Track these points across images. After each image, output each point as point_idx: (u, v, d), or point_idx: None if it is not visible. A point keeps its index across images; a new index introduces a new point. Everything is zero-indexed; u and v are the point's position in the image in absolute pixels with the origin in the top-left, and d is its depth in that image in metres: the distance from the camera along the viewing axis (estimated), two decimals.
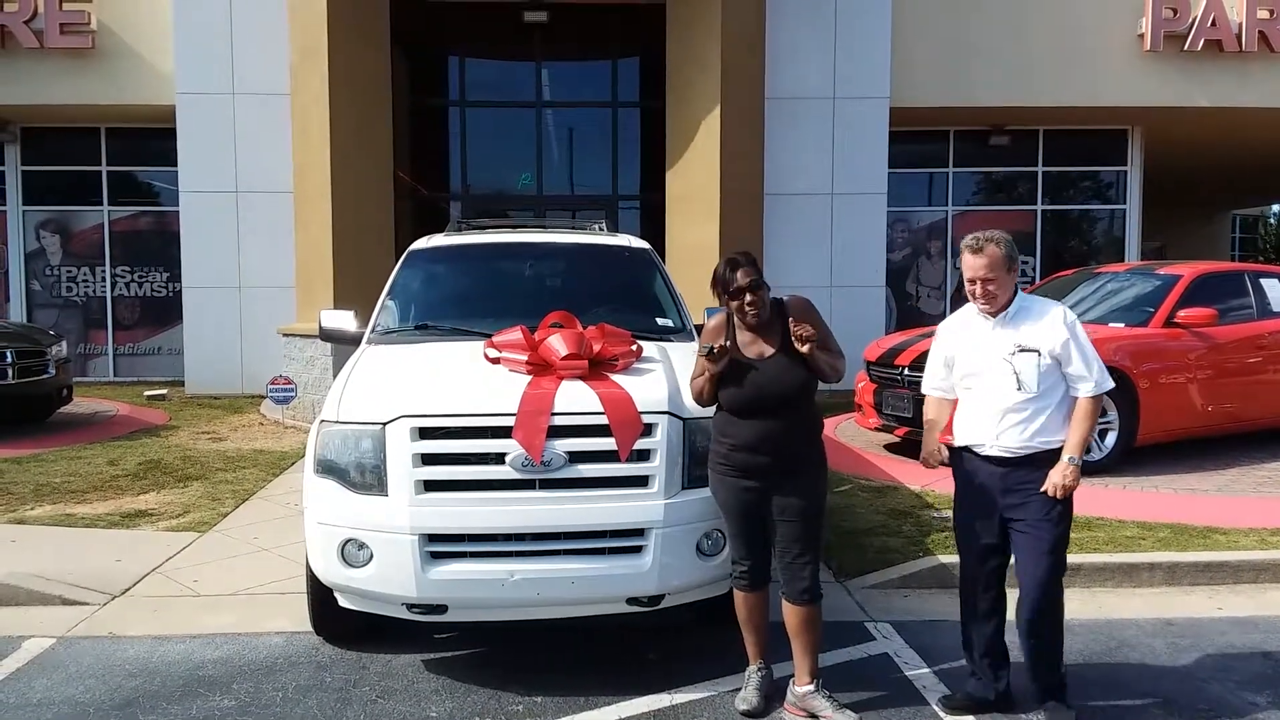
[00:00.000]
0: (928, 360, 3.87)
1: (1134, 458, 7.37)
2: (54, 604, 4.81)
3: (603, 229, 6.21)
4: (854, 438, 8.91)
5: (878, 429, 8.39)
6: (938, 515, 6.09)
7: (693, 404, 3.78)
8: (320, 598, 4.06)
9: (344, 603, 3.92)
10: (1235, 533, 5.67)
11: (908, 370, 7.88)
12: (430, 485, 3.64)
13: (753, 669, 3.75)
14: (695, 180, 11.36)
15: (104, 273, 13.64)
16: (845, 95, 12.29)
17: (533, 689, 3.86)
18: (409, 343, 4.77)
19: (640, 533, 3.68)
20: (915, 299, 14.22)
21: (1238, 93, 12.82)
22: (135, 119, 12.95)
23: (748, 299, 3.53)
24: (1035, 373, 3.47)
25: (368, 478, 3.72)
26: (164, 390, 12.12)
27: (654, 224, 12.11)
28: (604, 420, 3.68)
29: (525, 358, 4.03)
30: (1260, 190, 24.09)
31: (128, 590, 5.00)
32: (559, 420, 3.67)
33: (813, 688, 3.58)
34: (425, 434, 3.67)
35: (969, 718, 3.65)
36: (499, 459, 3.63)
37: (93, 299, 13.72)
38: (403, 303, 5.25)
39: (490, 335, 4.31)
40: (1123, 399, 7.10)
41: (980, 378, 3.58)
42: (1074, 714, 3.62)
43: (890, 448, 8.44)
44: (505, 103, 13.24)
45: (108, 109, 12.60)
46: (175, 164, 12.16)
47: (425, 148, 13.38)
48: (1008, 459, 3.51)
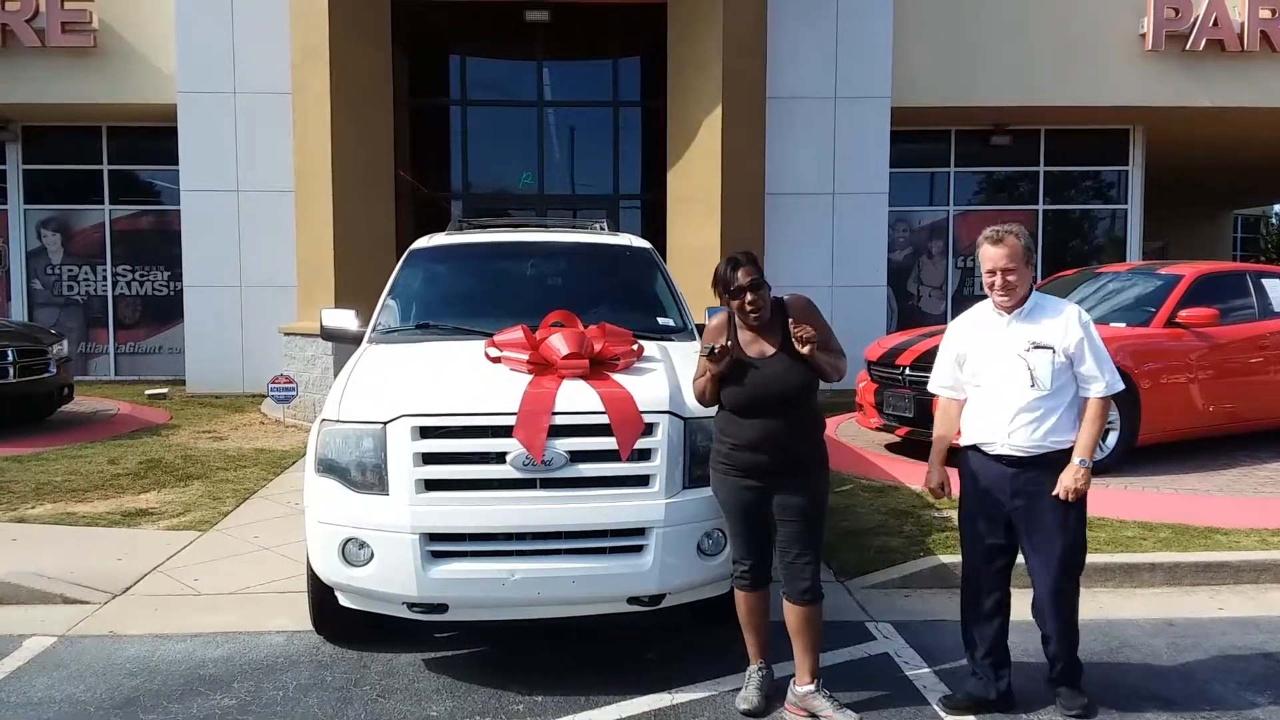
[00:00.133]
0: (937, 358, 3.85)
1: (1135, 458, 7.37)
2: (55, 603, 4.82)
3: (604, 228, 6.21)
4: (855, 437, 8.91)
5: (879, 429, 8.39)
6: (938, 515, 6.09)
7: (694, 403, 3.78)
8: (321, 597, 4.06)
9: (345, 602, 3.92)
10: (1236, 533, 5.66)
11: (909, 370, 7.89)
12: (431, 484, 3.64)
13: (753, 668, 3.74)
14: (696, 180, 11.36)
15: (105, 272, 13.65)
16: (846, 95, 12.28)
17: (533, 688, 3.86)
18: (410, 342, 4.77)
19: (641, 532, 3.68)
20: (916, 299, 14.22)
21: (1239, 92, 12.82)
22: (136, 118, 12.97)
23: (749, 298, 3.52)
24: (1049, 370, 3.47)
25: (369, 477, 3.72)
26: (165, 389, 12.11)
27: (655, 223, 12.12)
28: (605, 420, 3.68)
29: (526, 357, 4.03)
30: (1262, 190, 24.09)
31: (128, 589, 5.00)
32: (560, 419, 3.67)
33: (813, 687, 3.58)
34: (426, 433, 3.67)
35: (970, 717, 3.66)
36: (500, 458, 3.63)
37: (94, 298, 13.73)
38: (404, 302, 5.25)
39: (491, 334, 4.31)
40: (1124, 399, 7.05)
41: (993, 374, 3.56)
42: (1086, 700, 3.64)
43: (891, 447, 8.44)
44: (506, 102, 13.23)
45: (109, 108, 12.61)
46: (176, 163, 12.17)
47: (426, 147, 13.38)
48: (1018, 458, 3.50)
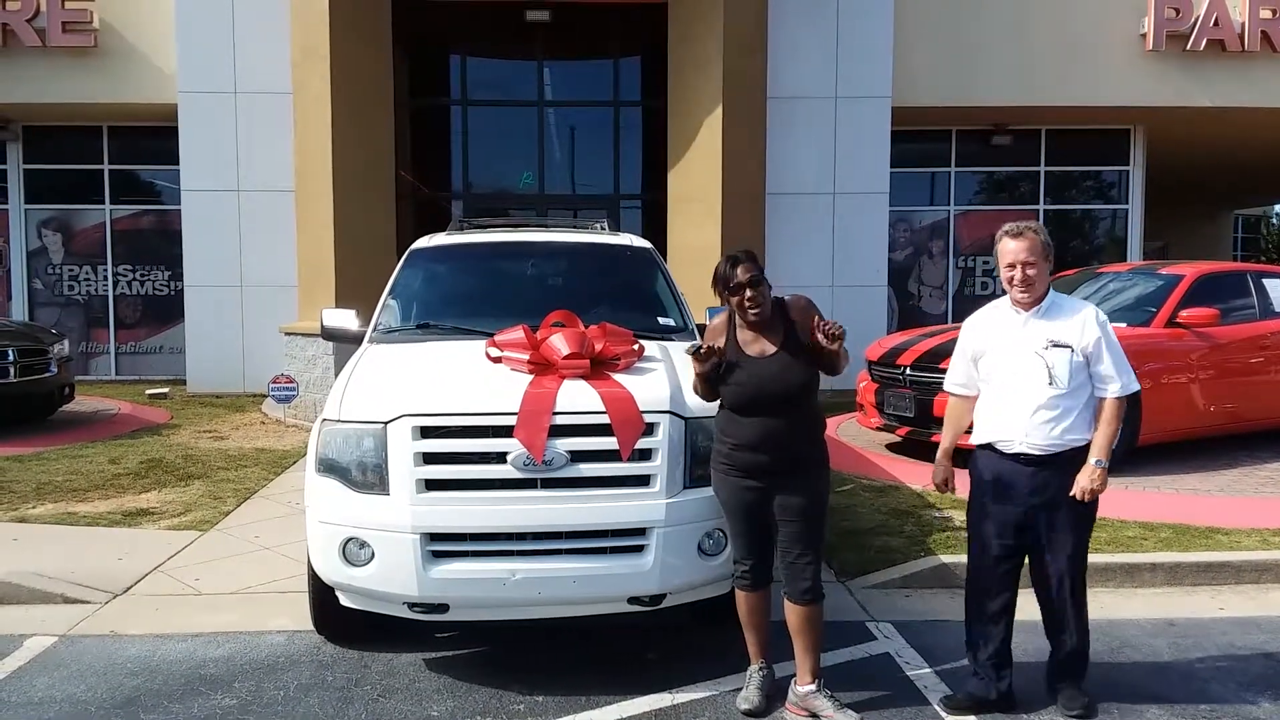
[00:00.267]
0: (953, 356, 3.84)
1: (1136, 457, 7.36)
2: (56, 602, 4.82)
3: (604, 228, 6.20)
4: (855, 437, 8.91)
5: (879, 428, 8.39)
6: (939, 515, 6.09)
7: (694, 403, 3.78)
8: (322, 596, 4.06)
9: (345, 601, 3.92)
10: (1237, 533, 5.66)
11: (910, 370, 7.89)
12: (432, 484, 3.64)
13: (754, 668, 3.74)
14: (697, 180, 11.36)
15: (106, 271, 13.65)
16: (847, 95, 12.28)
17: (534, 688, 3.86)
18: (411, 342, 4.77)
19: (642, 532, 3.68)
20: (917, 299, 14.21)
21: (1240, 92, 12.81)
22: (137, 117, 12.97)
23: (748, 294, 3.52)
24: (1068, 369, 3.47)
25: (369, 477, 3.72)
26: (165, 389, 12.12)
27: (655, 223, 12.11)
28: (605, 419, 3.68)
29: (527, 357, 4.03)
30: (1263, 190, 24.07)
31: (129, 589, 5.00)
32: (560, 419, 3.67)
33: (814, 687, 3.58)
34: (427, 433, 3.67)
35: (970, 718, 3.65)
36: (500, 458, 3.63)
37: (94, 297, 13.74)
38: (404, 302, 5.25)
39: (492, 334, 4.31)
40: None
41: (1010, 372, 3.56)
42: (1087, 699, 3.65)
43: (892, 447, 8.44)
44: (507, 102, 13.23)
45: (110, 107, 12.61)
46: (177, 163, 12.17)
47: (427, 147, 13.38)
48: (1035, 457, 3.50)
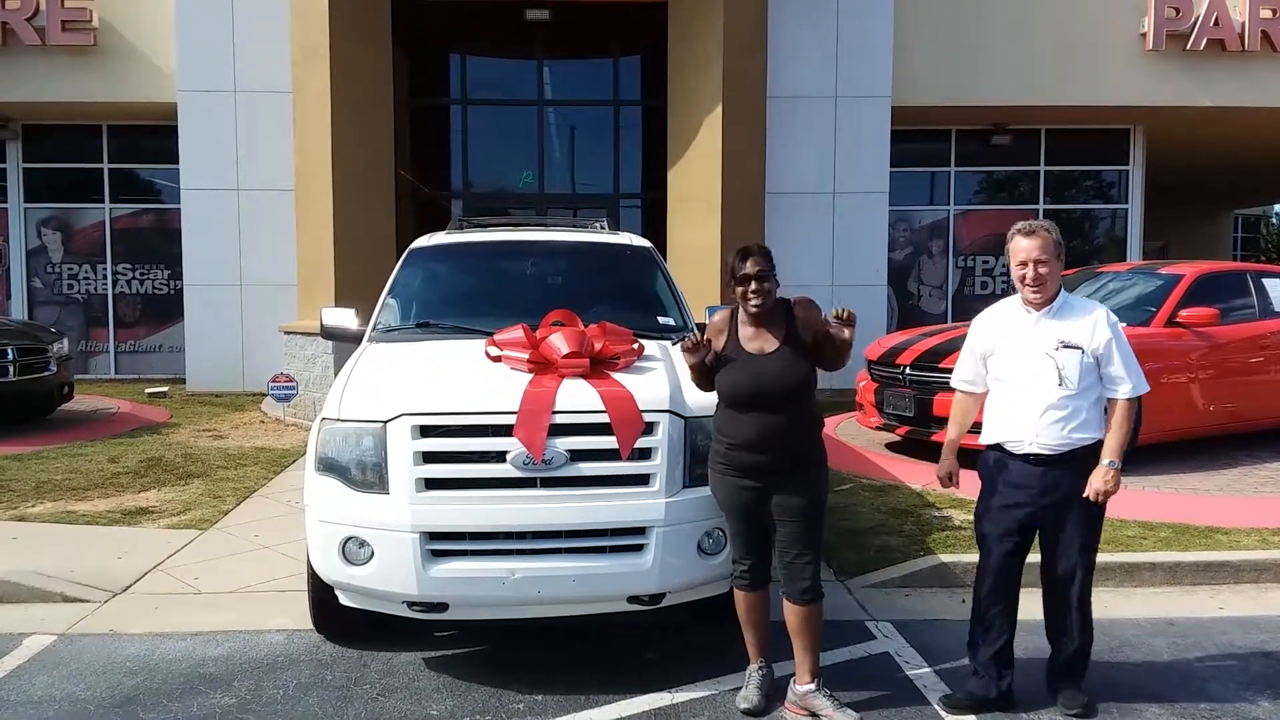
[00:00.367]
0: (961, 353, 3.84)
1: (1135, 457, 7.31)
2: (55, 601, 4.82)
3: (604, 227, 6.20)
4: (855, 437, 8.91)
5: (879, 428, 8.39)
6: (939, 514, 6.09)
7: (694, 403, 3.78)
8: (321, 595, 4.06)
9: (345, 600, 3.92)
10: (1237, 532, 5.67)
11: (909, 369, 7.89)
12: (431, 483, 3.64)
13: (753, 668, 3.74)
14: (696, 179, 11.36)
15: (105, 270, 13.65)
16: (847, 94, 12.27)
17: (533, 687, 3.86)
18: (410, 341, 4.77)
19: (641, 531, 3.68)
20: (917, 298, 14.20)
21: (1240, 92, 12.81)
22: (137, 116, 12.96)
23: (752, 287, 3.53)
24: (1078, 370, 3.47)
25: (369, 476, 3.72)
26: (165, 388, 12.11)
27: (655, 223, 12.11)
28: (605, 419, 3.68)
29: (526, 356, 4.02)
30: (1262, 190, 24.08)
31: (129, 588, 5.00)
32: (560, 418, 3.67)
33: (814, 686, 3.58)
34: (426, 432, 3.66)
35: (970, 717, 3.65)
36: (500, 457, 3.63)
37: (94, 296, 13.73)
38: (404, 301, 5.25)
39: (491, 333, 4.31)
40: None
41: (1020, 372, 3.56)
42: (1086, 698, 3.66)
43: (891, 446, 8.43)
44: (507, 101, 13.23)
45: (109, 106, 12.60)
46: (177, 161, 12.17)
47: (426, 146, 13.38)
48: (1046, 456, 3.50)
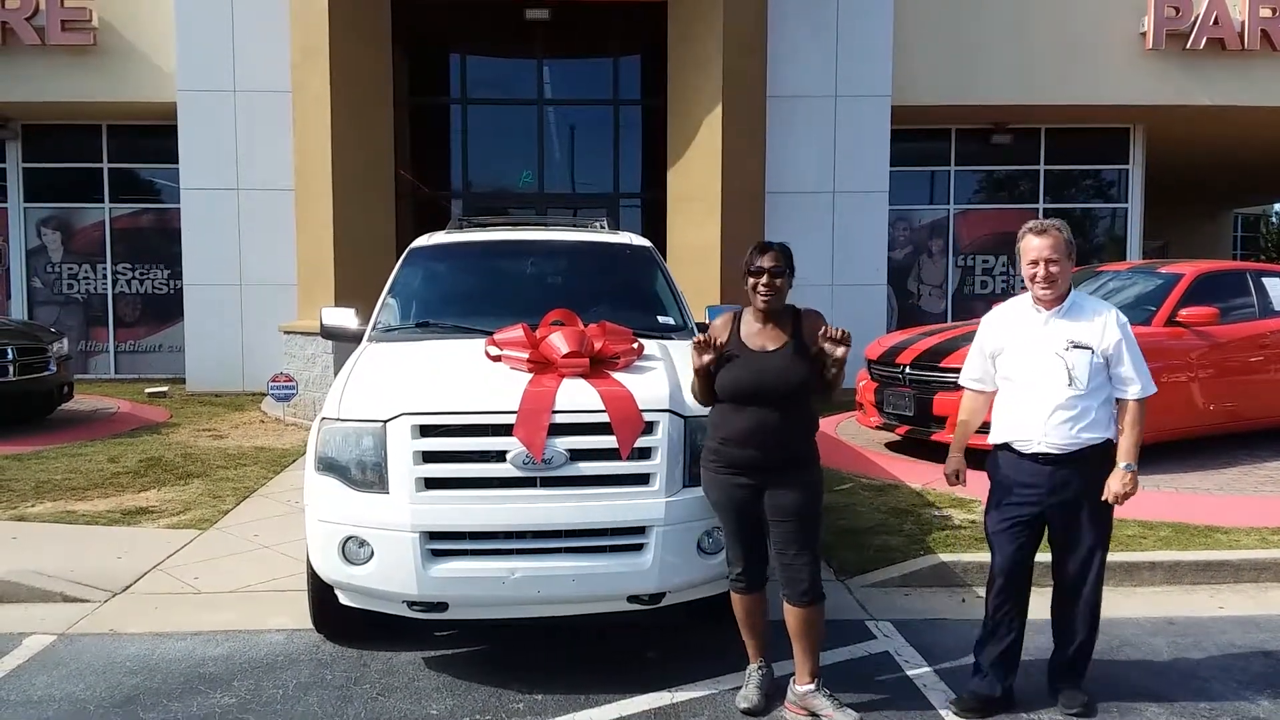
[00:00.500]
0: (969, 352, 3.85)
1: None
2: (55, 601, 4.82)
3: (604, 227, 6.20)
4: (855, 436, 8.91)
5: (879, 427, 8.39)
6: (938, 514, 6.09)
7: (694, 402, 3.77)
8: (321, 595, 4.06)
9: (345, 600, 3.92)
10: (1236, 532, 5.67)
11: (909, 369, 7.89)
12: (431, 483, 3.64)
13: (753, 667, 3.74)
14: (696, 178, 11.36)
15: (105, 270, 13.65)
16: (847, 93, 12.27)
17: (533, 687, 3.86)
18: (410, 340, 4.77)
19: (641, 530, 3.68)
20: (916, 297, 14.20)
21: (1240, 91, 12.81)
22: (136, 116, 12.96)
23: (764, 280, 3.53)
24: (1088, 370, 3.47)
25: (369, 475, 3.72)
26: (165, 387, 12.11)
27: (655, 222, 12.10)
28: (605, 418, 3.68)
29: (526, 355, 4.02)
30: (1262, 189, 24.07)
31: (128, 587, 5.00)
32: (560, 418, 3.67)
33: (814, 686, 3.58)
34: (426, 432, 3.66)
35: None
36: (500, 457, 3.63)
37: (94, 296, 13.73)
38: (404, 300, 5.25)
39: (491, 333, 4.30)
40: None
41: (1029, 372, 3.56)
42: (1086, 698, 3.66)
43: (891, 446, 8.43)
44: (506, 100, 13.22)
45: (109, 106, 12.60)
46: (176, 161, 12.17)
47: (426, 146, 13.37)
48: (1054, 456, 3.50)
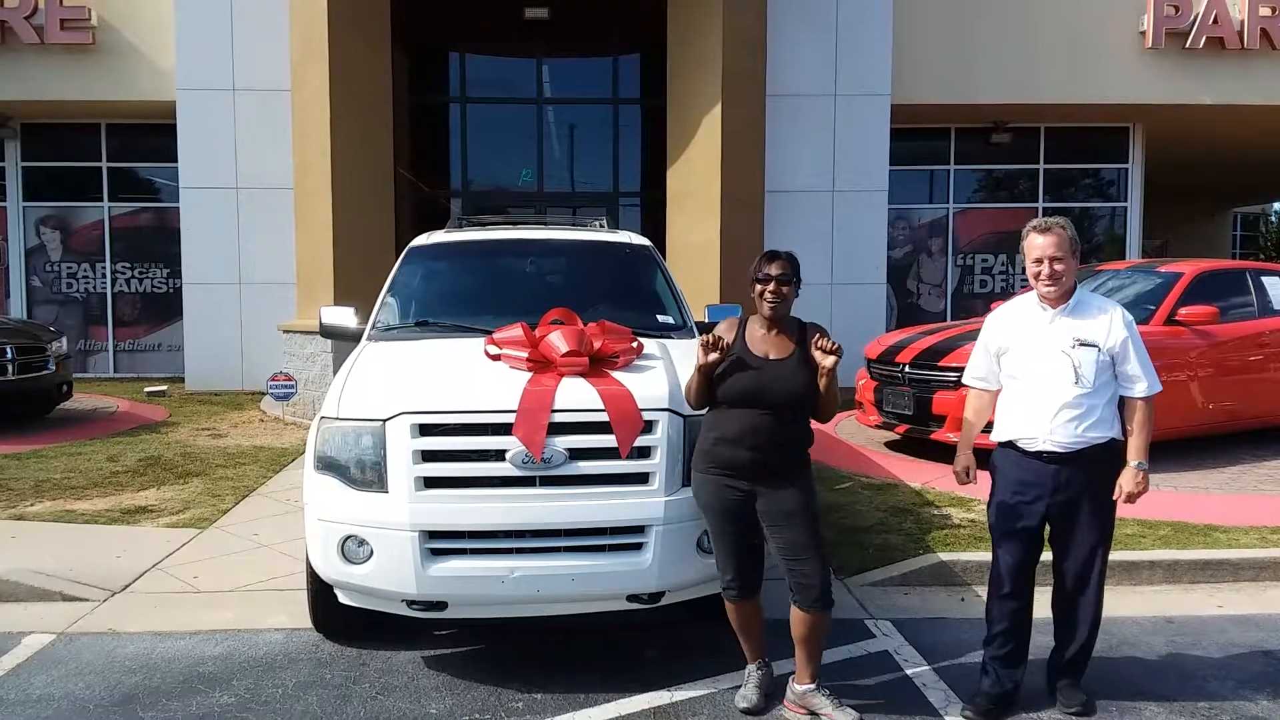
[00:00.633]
0: (973, 350, 3.84)
1: None
2: (54, 600, 4.81)
3: (603, 226, 6.20)
4: (854, 435, 8.91)
5: (878, 426, 8.39)
6: (938, 512, 6.09)
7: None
8: (320, 594, 4.06)
9: (344, 599, 3.92)
10: (1236, 530, 5.67)
11: (909, 367, 7.89)
12: (430, 482, 3.64)
13: (752, 667, 3.74)
14: (696, 177, 11.35)
15: (104, 269, 13.65)
16: (846, 92, 12.27)
17: (532, 686, 3.86)
18: (409, 339, 4.76)
19: (641, 530, 3.67)
20: (916, 296, 14.20)
21: (1239, 90, 12.82)
22: (136, 115, 12.96)
23: (770, 287, 3.52)
24: (1094, 368, 3.47)
25: (368, 474, 3.71)
26: (164, 386, 12.11)
27: (654, 221, 12.10)
28: (604, 417, 3.67)
29: (526, 354, 4.02)
30: (1262, 188, 24.05)
31: (127, 586, 5.00)
32: (559, 417, 3.67)
33: (813, 686, 3.58)
34: (425, 431, 3.66)
35: None
36: (499, 456, 3.62)
37: (93, 295, 13.73)
38: (403, 299, 5.24)
39: (491, 332, 4.30)
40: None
41: (1035, 370, 3.55)
42: (1086, 697, 3.67)
43: (891, 445, 8.43)
44: (506, 99, 13.22)
45: (108, 105, 12.59)
46: (175, 160, 12.17)
47: (426, 144, 13.37)
48: (1060, 454, 3.50)
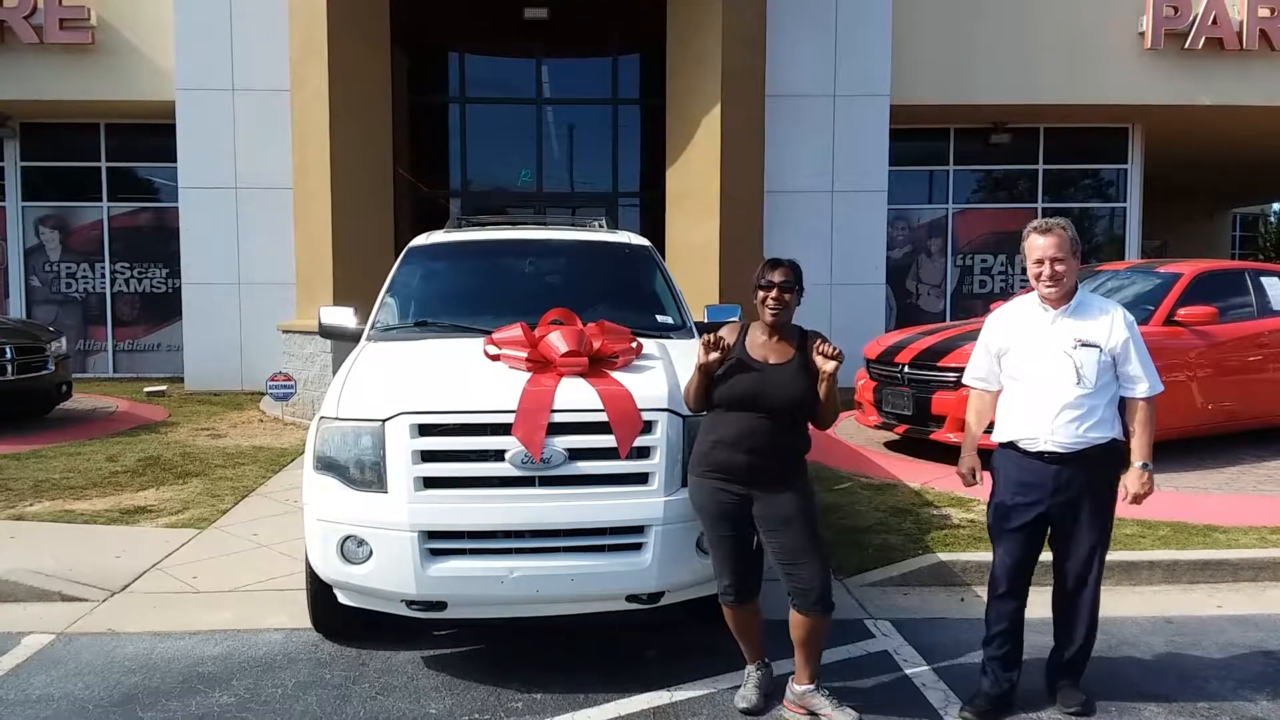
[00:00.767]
0: (974, 351, 3.84)
1: None
2: (53, 600, 4.81)
3: (603, 226, 6.20)
4: (853, 435, 8.91)
5: (878, 426, 8.39)
6: (937, 513, 6.09)
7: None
8: (320, 594, 4.06)
9: (343, 599, 3.92)
10: (1235, 531, 5.67)
11: (908, 368, 7.89)
12: (430, 482, 3.64)
13: (751, 668, 3.74)
14: (695, 178, 11.35)
15: (103, 269, 13.64)
16: (846, 93, 12.28)
17: (532, 686, 3.86)
18: (408, 340, 4.76)
19: (640, 530, 3.67)
20: (915, 297, 14.21)
21: (1239, 91, 12.83)
22: (135, 115, 12.96)
23: (773, 294, 3.52)
24: (1095, 368, 3.48)
25: (367, 474, 3.71)
26: (163, 386, 12.11)
27: (654, 221, 12.10)
28: (604, 417, 3.67)
29: (525, 355, 4.02)
30: (1261, 189, 24.08)
31: (127, 586, 5.00)
32: (559, 417, 3.67)
33: (813, 686, 3.58)
34: (425, 431, 3.66)
35: None
36: (498, 456, 3.62)
37: (92, 295, 13.72)
38: (402, 300, 5.24)
39: (490, 332, 4.30)
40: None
41: (1036, 370, 3.55)
42: (1085, 697, 3.67)
43: (890, 445, 8.44)
44: (505, 99, 13.22)
45: (107, 105, 12.59)
46: (175, 160, 12.17)
47: (425, 144, 13.37)
48: (1061, 454, 3.50)
